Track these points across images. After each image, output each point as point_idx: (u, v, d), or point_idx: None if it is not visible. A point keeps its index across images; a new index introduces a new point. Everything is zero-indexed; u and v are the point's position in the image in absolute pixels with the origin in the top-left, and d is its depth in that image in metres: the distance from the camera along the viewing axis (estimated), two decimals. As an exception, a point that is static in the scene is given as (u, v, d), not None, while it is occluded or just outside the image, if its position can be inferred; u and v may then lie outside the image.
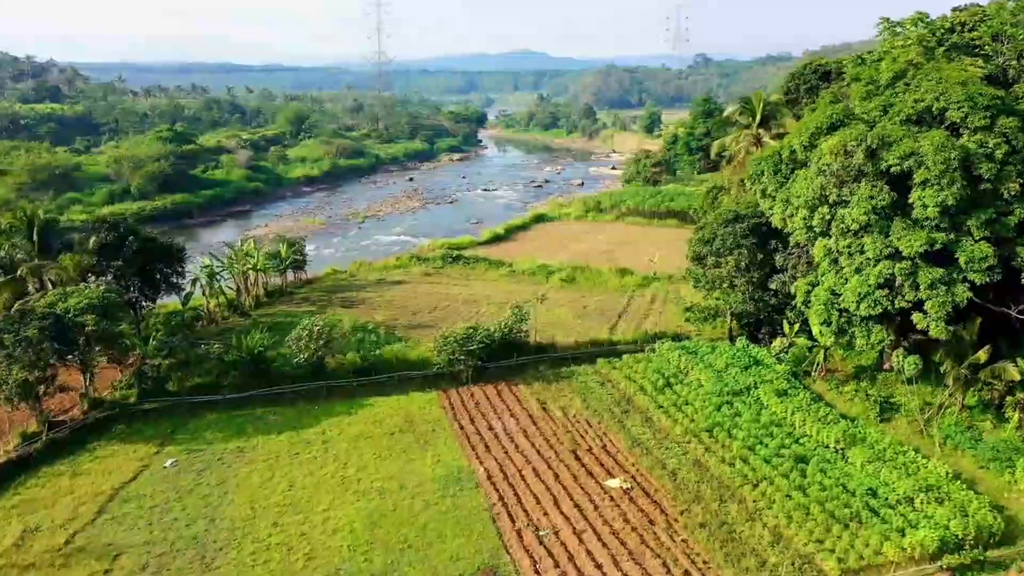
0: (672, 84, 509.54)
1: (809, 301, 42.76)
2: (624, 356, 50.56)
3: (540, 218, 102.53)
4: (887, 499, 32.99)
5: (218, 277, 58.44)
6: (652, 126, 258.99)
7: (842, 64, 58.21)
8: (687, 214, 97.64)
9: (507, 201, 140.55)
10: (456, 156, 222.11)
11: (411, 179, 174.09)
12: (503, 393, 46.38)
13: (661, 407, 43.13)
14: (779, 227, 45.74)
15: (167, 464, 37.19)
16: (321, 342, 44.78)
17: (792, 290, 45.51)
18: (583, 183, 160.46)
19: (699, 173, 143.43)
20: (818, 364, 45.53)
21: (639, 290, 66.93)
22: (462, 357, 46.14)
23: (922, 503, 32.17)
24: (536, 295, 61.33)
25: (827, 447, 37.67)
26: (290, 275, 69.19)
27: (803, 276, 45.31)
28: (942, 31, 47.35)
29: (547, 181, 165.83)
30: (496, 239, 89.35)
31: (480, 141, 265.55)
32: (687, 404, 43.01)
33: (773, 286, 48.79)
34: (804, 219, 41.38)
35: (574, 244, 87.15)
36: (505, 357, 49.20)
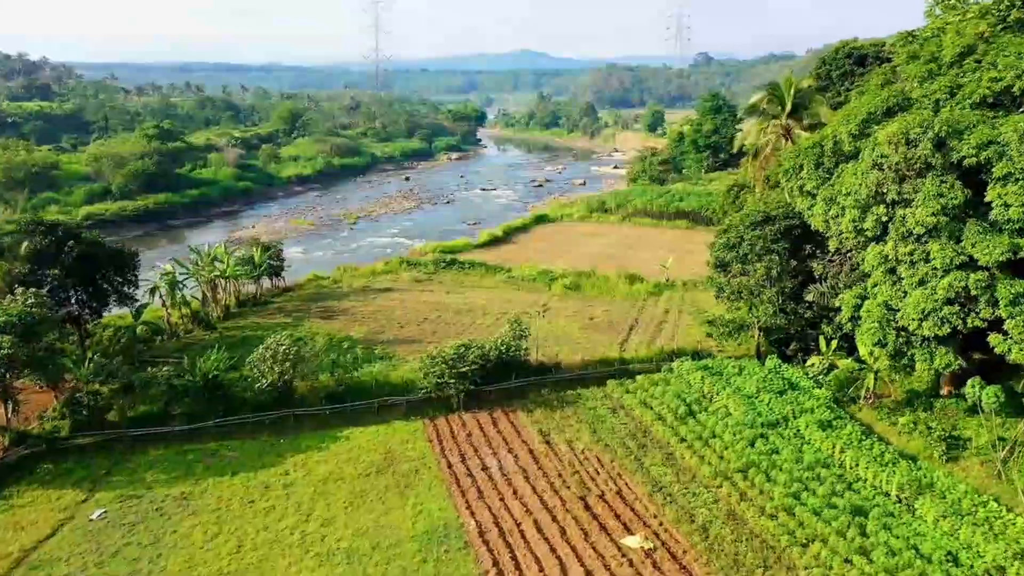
0: (674, 83, 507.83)
1: (858, 317, 36.49)
2: (638, 377, 44.31)
3: (541, 219, 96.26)
4: (972, 567, 26.70)
5: (181, 286, 52.08)
6: (655, 125, 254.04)
7: (880, 48, 51.95)
8: (699, 215, 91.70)
9: (506, 201, 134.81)
10: (454, 155, 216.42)
11: (407, 178, 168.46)
12: (499, 422, 40.09)
13: (684, 440, 36.86)
14: (820, 230, 39.49)
15: (94, 516, 30.90)
16: (287, 364, 38.43)
17: (835, 303, 39.25)
18: (585, 182, 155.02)
19: (707, 172, 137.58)
20: (867, 390, 39.16)
21: (651, 299, 60.66)
22: (451, 381, 39.83)
23: (1018, 574, 25.92)
24: (537, 306, 55.16)
25: (888, 495, 31.40)
26: (267, 282, 62.93)
27: (848, 287, 39.09)
28: (1005, 5, 41.06)
29: (548, 180, 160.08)
30: (494, 241, 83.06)
31: (479, 140, 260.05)
32: (714, 437, 36.71)
33: (809, 297, 42.49)
34: (853, 221, 35.10)
35: (578, 247, 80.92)
36: (502, 379, 42.91)
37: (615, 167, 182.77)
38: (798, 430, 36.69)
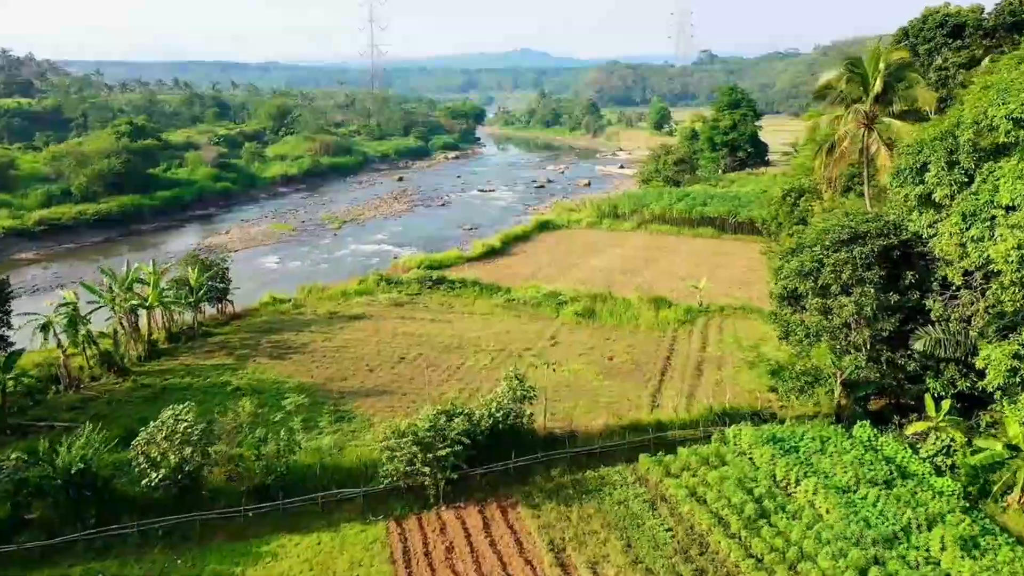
0: (677, 81, 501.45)
1: (1016, 384, 25.05)
2: (681, 450, 32.85)
3: (545, 225, 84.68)
4: None
5: (85, 321, 40.35)
6: (661, 122, 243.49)
7: (981, 15, 40.39)
8: (726, 222, 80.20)
9: (506, 203, 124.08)
10: (452, 154, 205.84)
11: (400, 179, 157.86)
12: (493, 524, 28.59)
13: (760, 562, 25.42)
14: (946, 256, 28.10)
15: None
16: (190, 449, 26.90)
17: (978, 362, 27.68)
18: (589, 183, 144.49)
19: (724, 172, 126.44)
20: (1021, 490, 27.53)
21: (682, 329, 49.18)
22: (426, 469, 28.32)
23: None
24: (543, 338, 43.81)
25: None
26: (214, 308, 51.37)
27: (983, 335, 27.67)
28: None
29: (550, 181, 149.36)
30: (491, 253, 71.47)
31: (478, 139, 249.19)
32: (805, 559, 25.26)
33: (918, 346, 31.03)
34: (1020, 246, 23.64)
35: (589, 260, 69.44)
36: (497, 456, 31.35)
37: (621, 167, 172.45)
38: (928, 552, 25.17)
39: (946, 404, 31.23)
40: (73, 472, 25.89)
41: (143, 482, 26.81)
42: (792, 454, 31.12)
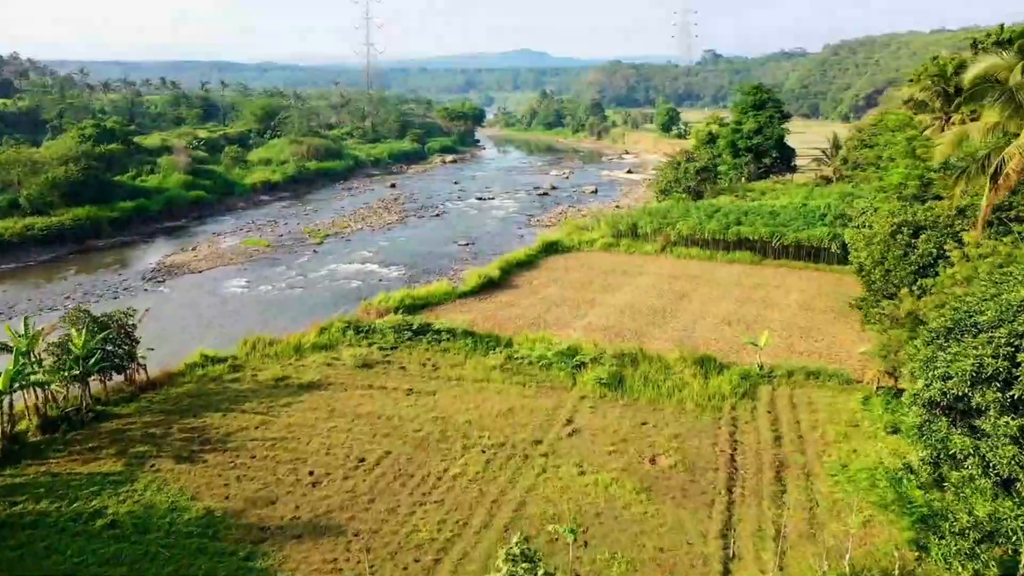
0: (681, 81, 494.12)
1: None
2: (786, 659, 20.49)
3: (552, 248, 72.10)
4: None
5: None
6: (669, 124, 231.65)
7: None
8: (767, 244, 67.72)
9: (506, 213, 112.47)
10: (449, 157, 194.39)
11: (393, 185, 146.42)
12: None
13: None
14: None
15: None
16: None
17: None
18: (596, 189, 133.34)
19: (748, 180, 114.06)
20: None
21: (742, 406, 36.63)
22: None
23: None
24: (557, 420, 31.27)
25: None
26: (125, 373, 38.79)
27: None
28: None
29: (554, 187, 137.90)
30: (487, 287, 58.71)
31: (478, 141, 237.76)
32: None
33: None
34: None
35: (607, 295, 56.92)
36: None
37: (629, 171, 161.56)
38: None
39: None
40: None
41: None
42: None
